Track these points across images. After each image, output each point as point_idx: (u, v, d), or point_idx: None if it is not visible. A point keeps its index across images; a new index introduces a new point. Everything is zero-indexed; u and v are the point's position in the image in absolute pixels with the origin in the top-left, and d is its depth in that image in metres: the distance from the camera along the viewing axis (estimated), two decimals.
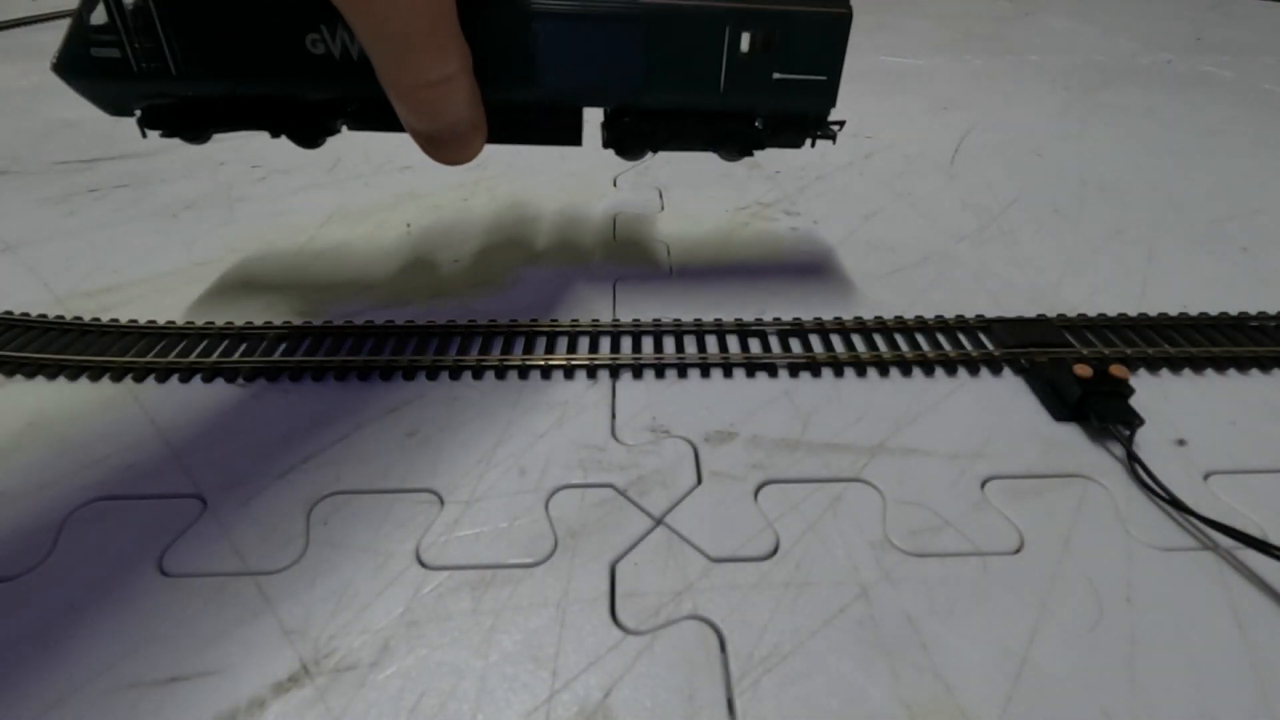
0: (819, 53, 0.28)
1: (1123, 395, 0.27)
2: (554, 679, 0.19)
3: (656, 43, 0.27)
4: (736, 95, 0.29)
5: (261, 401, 0.28)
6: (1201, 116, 0.62)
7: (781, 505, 0.24)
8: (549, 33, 0.27)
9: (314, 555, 0.22)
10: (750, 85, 0.29)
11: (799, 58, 0.28)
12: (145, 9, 0.25)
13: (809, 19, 0.28)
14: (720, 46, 0.28)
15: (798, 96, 0.29)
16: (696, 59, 0.28)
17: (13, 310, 0.33)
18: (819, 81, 0.29)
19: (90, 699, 0.18)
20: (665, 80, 0.28)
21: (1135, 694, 0.19)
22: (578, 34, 0.27)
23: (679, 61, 0.28)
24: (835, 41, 0.28)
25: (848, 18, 0.28)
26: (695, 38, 0.27)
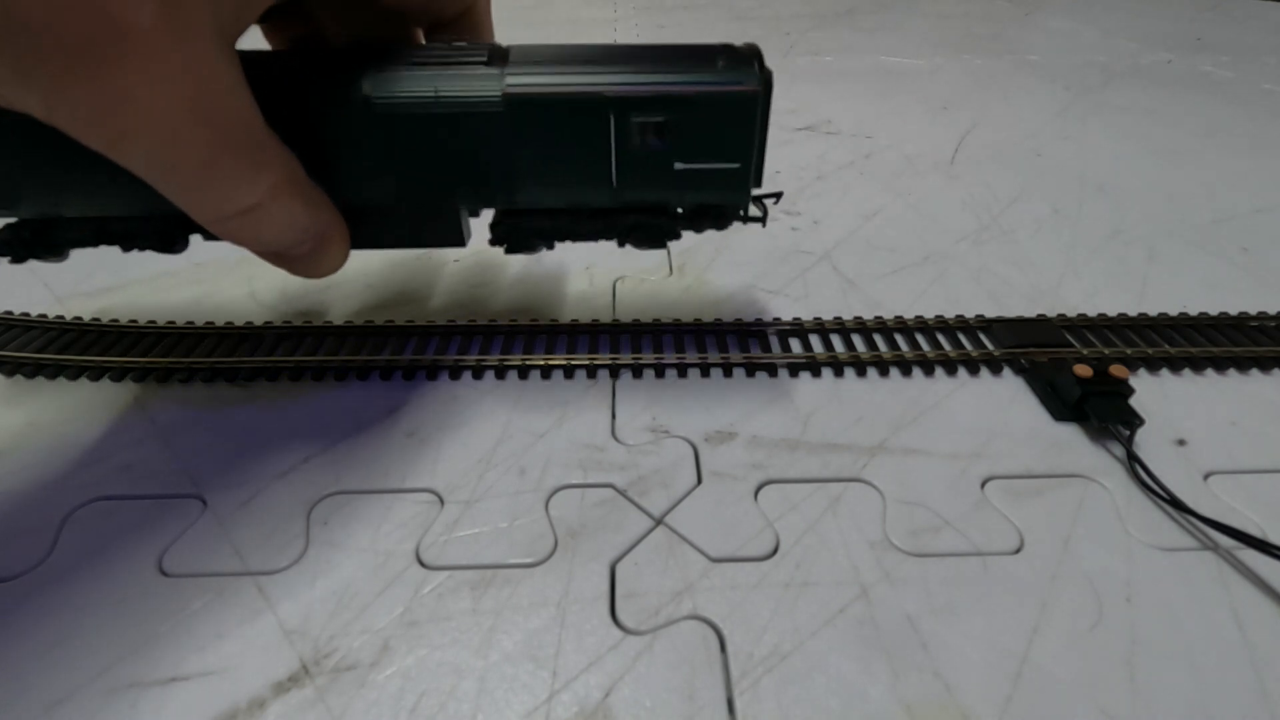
0: (727, 138, 0.24)
1: (1123, 395, 0.27)
2: (554, 679, 0.19)
3: (529, 136, 0.23)
4: (632, 190, 0.25)
5: (261, 401, 0.28)
6: (1201, 116, 0.62)
7: (781, 505, 0.24)
8: (402, 131, 0.23)
9: (314, 555, 0.22)
10: (647, 178, 0.24)
11: (703, 144, 0.24)
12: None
13: (710, 100, 0.23)
14: (606, 137, 0.23)
15: (706, 188, 0.25)
16: (580, 153, 0.24)
17: (13, 310, 0.33)
18: (730, 170, 0.24)
19: (90, 699, 0.18)
20: (545, 178, 0.24)
21: (1135, 694, 0.19)
22: (435, 130, 0.23)
23: (559, 156, 0.24)
24: (745, 123, 0.23)
25: (757, 95, 0.23)
26: (575, 129, 0.23)
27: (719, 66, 0.23)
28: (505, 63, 0.23)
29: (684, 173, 0.24)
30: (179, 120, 0.18)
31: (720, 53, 0.24)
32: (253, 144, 0.20)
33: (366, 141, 0.23)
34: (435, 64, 0.23)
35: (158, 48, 0.17)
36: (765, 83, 0.23)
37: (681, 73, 0.23)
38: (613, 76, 0.23)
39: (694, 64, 0.23)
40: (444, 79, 0.22)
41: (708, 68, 0.23)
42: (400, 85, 0.22)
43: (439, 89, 0.22)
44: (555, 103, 0.23)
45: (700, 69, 0.23)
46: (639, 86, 0.23)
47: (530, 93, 0.23)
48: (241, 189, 0.20)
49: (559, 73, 0.23)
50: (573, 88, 0.23)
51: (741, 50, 0.24)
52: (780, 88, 0.72)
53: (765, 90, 0.23)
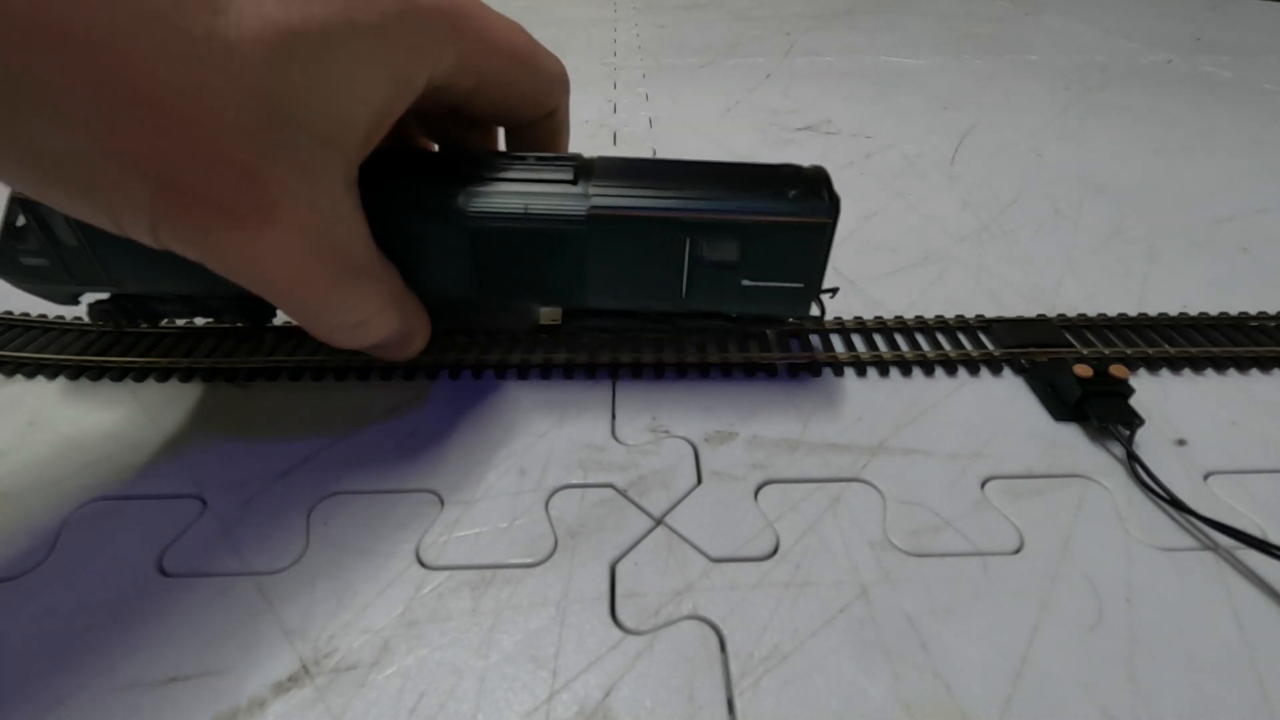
0: (795, 261, 0.25)
1: (1123, 395, 0.27)
2: (554, 679, 0.19)
3: (608, 250, 0.25)
4: (700, 300, 0.26)
5: (261, 401, 0.28)
6: (1201, 116, 0.62)
7: (781, 505, 0.24)
8: (491, 243, 0.25)
9: (314, 555, 0.22)
10: (715, 292, 0.26)
11: (771, 266, 0.25)
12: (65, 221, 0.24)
13: (783, 229, 0.24)
14: (681, 256, 0.25)
15: (770, 302, 0.26)
16: (653, 266, 0.25)
17: (13, 310, 0.33)
18: (795, 289, 0.26)
19: (90, 699, 0.18)
20: (620, 286, 0.26)
21: (1135, 694, 0.19)
22: (523, 242, 0.25)
23: (634, 268, 0.25)
24: (814, 249, 0.25)
25: (826, 225, 0.24)
26: (652, 246, 0.25)
27: (790, 195, 0.24)
28: (589, 177, 0.25)
29: (750, 289, 0.26)
30: (307, 260, 0.20)
31: (791, 178, 0.25)
32: (367, 268, 0.22)
33: (456, 248, 0.25)
34: (525, 180, 0.24)
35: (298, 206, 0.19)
36: (834, 210, 0.24)
37: (755, 199, 0.24)
38: (690, 201, 0.24)
39: (766, 189, 0.25)
40: (533, 197, 0.24)
41: (780, 194, 0.24)
42: (492, 201, 0.24)
43: (529, 206, 0.24)
44: (635, 221, 0.24)
45: (773, 195, 0.24)
46: (715, 214, 0.24)
47: (613, 213, 0.24)
48: (355, 311, 0.22)
49: (639, 193, 0.24)
50: (653, 211, 0.24)
51: (809, 174, 0.25)
52: (780, 88, 0.72)
53: (834, 218, 0.24)
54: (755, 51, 0.82)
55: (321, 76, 0.19)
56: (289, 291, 0.21)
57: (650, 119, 0.60)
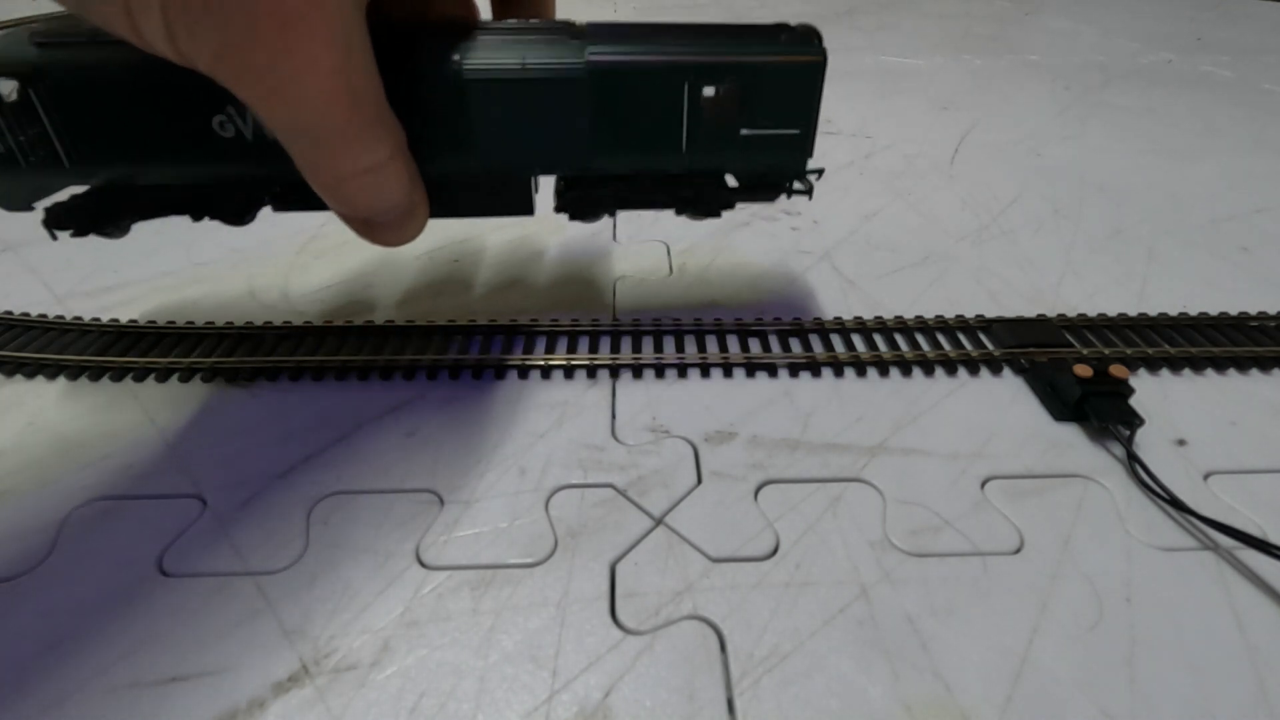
0: (790, 104, 0.25)
1: (1123, 395, 0.27)
2: (554, 679, 0.19)
3: (608, 104, 0.25)
4: (700, 156, 0.26)
5: (261, 401, 0.28)
6: (1201, 116, 0.62)
7: (781, 505, 0.24)
8: (489, 100, 0.24)
9: (314, 555, 0.22)
10: (715, 144, 0.26)
11: (768, 111, 0.25)
12: (26, 97, 0.23)
13: (778, 69, 0.25)
14: (680, 104, 0.25)
15: (769, 152, 0.26)
16: (654, 120, 0.25)
17: (13, 310, 0.33)
18: (791, 135, 0.26)
19: (90, 699, 0.18)
20: (620, 144, 0.26)
21: (1135, 694, 0.19)
22: (520, 99, 0.24)
23: (634, 123, 0.25)
24: (808, 91, 0.25)
25: (821, 64, 0.25)
26: (651, 96, 0.25)
27: (782, 39, 0.25)
28: (585, 37, 0.24)
29: (750, 138, 0.26)
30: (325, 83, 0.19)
31: (781, 30, 0.26)
32: (379, 111, 0.21)
33: (453, 111, 0.24)
34: (520, 37, 0.24)
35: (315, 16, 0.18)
36: (823, 55, 0.25)
37: (750, 45, 0.25)
38: (687, 48, 0.24)
39: (759, 38, 0.25)
40: (531, 50, 0.24)
41: (773, 40, 0.25)
42: (490, 56, 0.24)
43: (525, 59, 0.24)
44: (634, 71, 0.24)
45: (766, 42, 0.25)
46: (712, 56, 0.24)
47: (611, 61, 0.24)
48: (365, 153, 0.21)
49: (636, 45, 0.24)
50: (651, 58, 0.24)
51: (799, 29, 0.26)
52: None
53: (823, 61, 0.25)
54: None
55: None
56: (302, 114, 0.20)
57: None
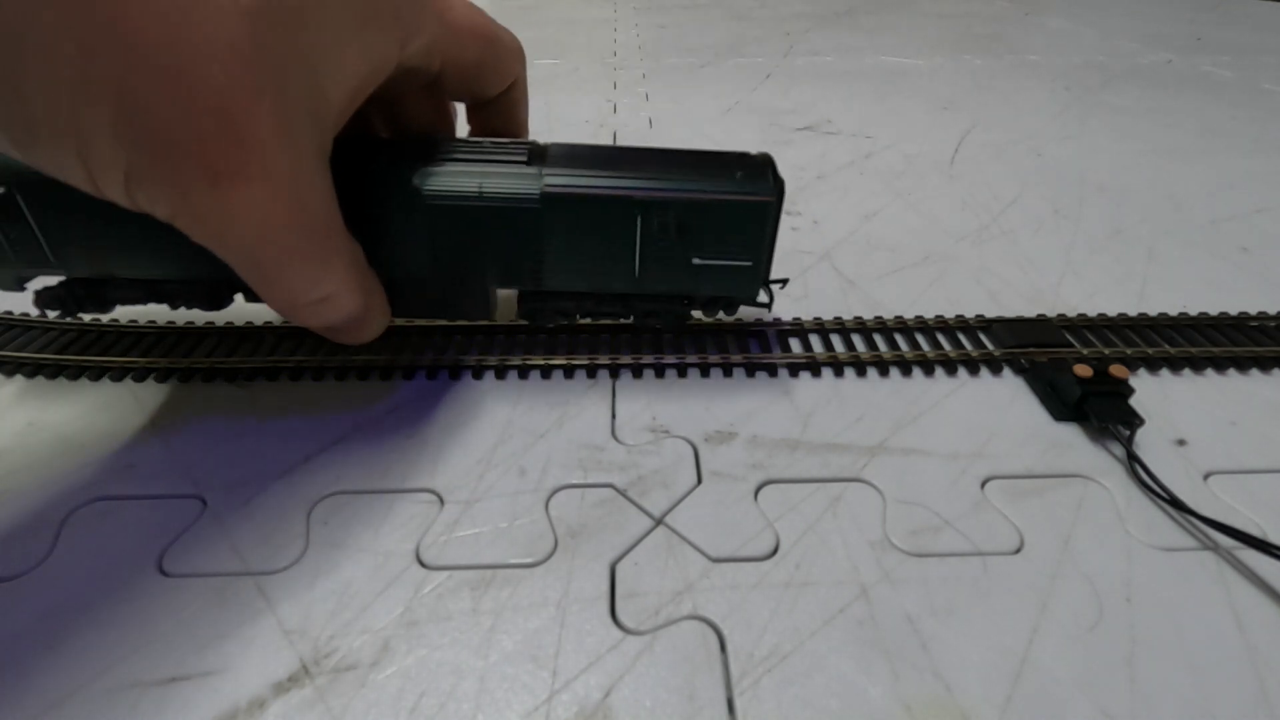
0: (741, 239, 0.26)
1: (1123, 395, 0.27)
2: (554, 679, 0.19)
3: (562, 229, 0.26)
4: (653, 281, 0.27)
5: (261, 401, 0.28)
6: (1201, 116, 0.62)
7: (781, 505, 0.24)
8: (447, 220, 0.25)
9: (314, 555, 0.22)
10: (667, 271, 0.27)
11: (719, 243, 0.26)
12: (11, 197, 0.24)
13: (727, 207, 0.25)
14: (633, 233, 0.26)
15: (721, 281, 0.27)
16: (607, 245, 0.26)
17: (13, 310, 0.33)
18: (743, 266, 0.27)
19: (90, 699, 0.18)
20: (575, 266, 0.27)
21: (1135, 694, 0.19)
22: (478, 219, 0.25)
23: (588, 248, 0.26)
24: (758, 228, 0.26)
25: (770, 205, 0.25)
26: (604, 225, 0.26)
27: (737, 176, 0.26)
28: (543, 162, 0.25)
29: (701, 267, 0.27)
30: (280, 223, 0.20)
31: (737, 162, 0.26)
32: (335, 243, 0.22)
33: (414, 228, 0.25)
34: (480, 161, 0.25)
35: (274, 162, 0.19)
36: (778, 191, 0.26)
37: (702, 179, 0.26)
38: (640, 181, 0.25)
39: (714, 171, 0.26)
40: (488, 177, 0.25)
41: (726, 176, 0.26)
42: (448, 182, 0.25)
43: (483, 186, 0.25)
44: (587, 201, 0.25)
45: (719, 176, 0.26)
46: (664, 191, 0.25)
47: (565, 192, 0.25)
48: (320, 284, 0.22)
49: (591, 174, 0.25)
50: (604, 190, 0.25)
51: (756, 159, 0.27)
52: (780, 88, 0.72)
53: (778, 199, 0.26)
54: (755, 51, 0.82)
55: (300, 49, 0.19)
56: (258, 254, 0.21)
57: (650, 119, 0.60)
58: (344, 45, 0.21)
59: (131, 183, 0.19)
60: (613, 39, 0.88)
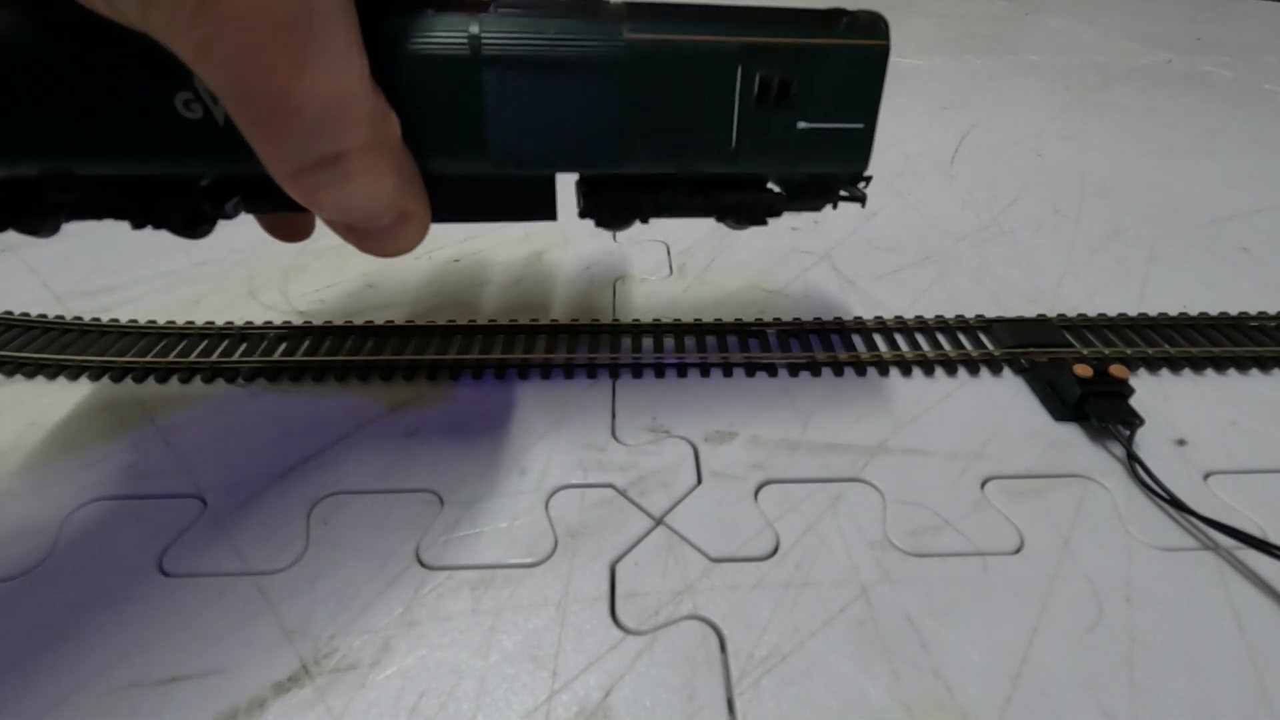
0: (854, 94, 0.23)
1: (1123, 395, 0.27)
2: (554, 679, 0.19)
3: (648, 92, 0.22)
4: (751, 155, 0.23)
5: (261, 401, 0.28)
6: (1201, 116, 0.62)
7: (781, 505, 0.24)
8: (503, 85, 0.21)
9: (314, 555, 0.22)
10: (769, 141, 0.23)
11: (830, 102, 0.23)
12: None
13: (841, 53, 0.22)
14: (731, 93, 0.22)
15: (827, 151, 0.24)
16: (700, 111, 0.22)
17: (13, 310, 0.33)
18: (853, 131, 0.23)
19: (90, 699, 0.18)
20: (660, 140, 0.22)
21: (1135, 694, 0.19)
22: (545, 83, 0.21)
23: (678, 115, 0.22)
24: (872, 80, 0.23)
25: (886, 49, 0.22)
26: (698, 83, 0.22)
27: (844, 23, 0.22)
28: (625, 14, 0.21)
29: (807, 134, 0.23)
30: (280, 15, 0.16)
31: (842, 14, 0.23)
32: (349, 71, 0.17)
33: (466, 94, 0.21)
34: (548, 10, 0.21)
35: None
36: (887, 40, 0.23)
37: (810, 26, 0.22)
38: (739, 29, 0.21)
39: (819, 22, 0.22)
40: (560, 22, 0.20)
41: (833, 24, 0.22)
42: (512, 26, 0.20)
43: (556, 32, 0.20)
44: (680, 53, 0.21)
45: (826, 25, 0.22)
46: (769, 38, 0.21)
47: (654, 40, 0.21)
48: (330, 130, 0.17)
49: (682, 23, 0.21)
50: (700, 37, 0.21)
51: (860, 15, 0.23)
52: None
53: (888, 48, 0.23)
54: None
55: None
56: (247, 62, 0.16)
57: None
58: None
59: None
60: None
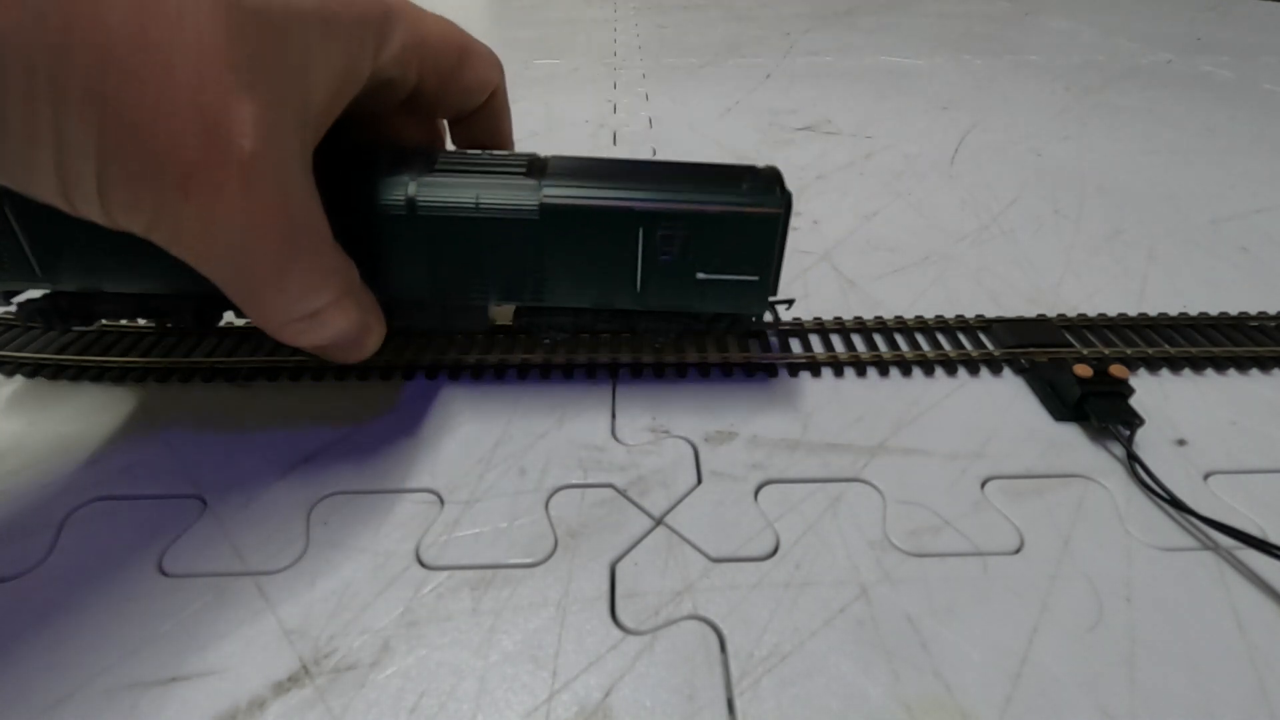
0: (747, 252, 0.25)
1: (1123, 395, 0.27)
2: (554, 679, 0.19)
3: (561, 242, 0.25)
4: (656, 296, 0.26)
5: (262, 401, 0.28)
6: (1201, 116, 0.62)
7: (781, 505, 0.24)
8: (444, 234, 0.24)
9: (314, 555, 0.22)
10: (670, 286, 0.26)
11: (725, 258, 0.25)
12: (2, 214, 0.24)
13: (732, 219, 0.24)
14: (634, 247, 0.25)
15: (725, 297, 0.26)
16: (608, 260, 0.25)
17: (13, 310, 0.33)
18: (749, 283, 0.26)
19: (90, 699, 0.18)
20: (575, 280, 0.26)
21: (1135, 694, 0.19)
22: (475, 232, 0.24)
23: (588, 262, 0.25)
24: (766, 240, 0.25)
25: (778, 217, 0.24)
26: (604, 238, 0.25)
27: (743, 188, 0.25)
28: (543, 174, 0.25)
29: (705, 282, 0.26)
30: (265, 236, 0.19)
31: (744, 174, 0.25)
32: (323, 253, 0.21)
33: (411, 244, 0.25)
34: (477, 172, 0.24)
35: (258, 171, 0.19)
36: (786, 204, 0.24)
37: (707, 191, 0.24)
38: (642, 192, 0.24)
39: (719, 183, 0.25)
40: (486, 189, 0.24)
41: (732, 188, 0.25)
42: (444, 192, 0.24)
43: (480, 197, 0.24)
44: (588, 213, 0.24)
45: (725, 189, 0.25)
46: (667, 203, 0.24)
47: (565, 204, 0.24)
48: (309, 298, 0.21)
49: (592, 186, 0.24)
50: (604, 201, 0.24)
51: (764, 172, 0.25)
52: (780, 88, 0.72)
53: (785, 211, 0.24)
54: (755, 51, 0.82)
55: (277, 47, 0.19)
56: (242, 267, 0.20)
57: (650, 119, 0.60)
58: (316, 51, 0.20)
59: (105, 195, 0.18)
60: (613, 39, 0.88)
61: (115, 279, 0.25)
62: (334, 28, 0.20)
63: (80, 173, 0.17)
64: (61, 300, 0.27)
